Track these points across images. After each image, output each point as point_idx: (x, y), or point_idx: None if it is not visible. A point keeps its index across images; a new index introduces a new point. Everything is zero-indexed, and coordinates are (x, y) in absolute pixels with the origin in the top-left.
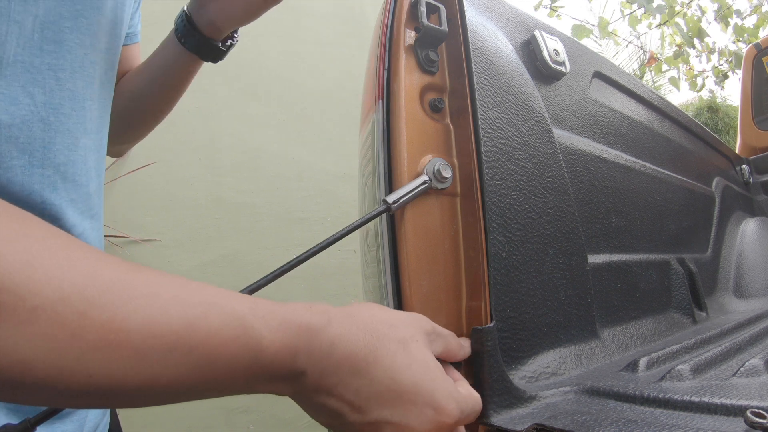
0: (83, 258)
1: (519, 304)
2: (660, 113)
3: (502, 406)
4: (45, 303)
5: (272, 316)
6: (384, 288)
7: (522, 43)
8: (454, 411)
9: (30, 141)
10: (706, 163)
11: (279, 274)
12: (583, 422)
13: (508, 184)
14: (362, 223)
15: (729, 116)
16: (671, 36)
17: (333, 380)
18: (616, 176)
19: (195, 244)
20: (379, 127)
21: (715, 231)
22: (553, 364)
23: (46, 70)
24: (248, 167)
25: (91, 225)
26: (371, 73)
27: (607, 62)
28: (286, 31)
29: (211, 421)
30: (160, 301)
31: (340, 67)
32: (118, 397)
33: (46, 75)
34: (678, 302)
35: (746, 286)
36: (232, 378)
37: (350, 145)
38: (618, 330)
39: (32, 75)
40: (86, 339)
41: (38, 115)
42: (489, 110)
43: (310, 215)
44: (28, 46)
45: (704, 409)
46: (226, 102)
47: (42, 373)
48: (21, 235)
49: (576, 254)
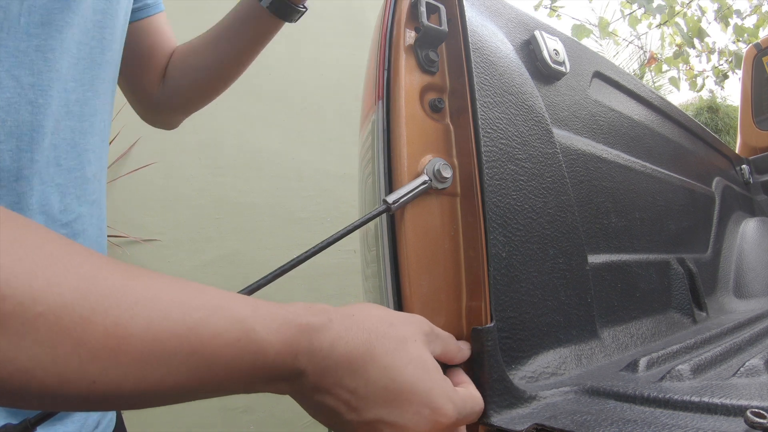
0: (83, 263)
1: (519, 304)
2: (660, 113)
3: (502, 406)
4: (46, 310)
5: (273, 318)
6: (384, 288)
7: (522, 43)
8: (450, 411)
9: (18, 125)
10: (706, 163)
11: (279, 274)
12: (583, 422)
13: (508, 184)
14: (362, 223)
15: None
16: (671, 36)
17: (331, 380)
18: (616, 176)
19: (195, 244)
20: (379, 127)
21: (715, 231)
22: (553, 364)
23: (33, 52)
24: (248, 167)
25: (89, 211)
26: (371, 73)
27: (607, 62)
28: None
29: (211, 420)
30: (162, 305)
31: (341, 67)
32: (121, 401)
33: (34, 57)
34: (678, 302)
35: (746, 286)
36: (234, 379)
37: (350, 145)
38: (618, 330)
39: (18, 58)
40: (89, 345)
41: (26, 98)
42: (489, 110)
43: (310, 215)
44: (14, 31)
45: (704, 409)
46: (226, 102)
47: (44, 381)
48: (20, 241)
49: (576, 254)
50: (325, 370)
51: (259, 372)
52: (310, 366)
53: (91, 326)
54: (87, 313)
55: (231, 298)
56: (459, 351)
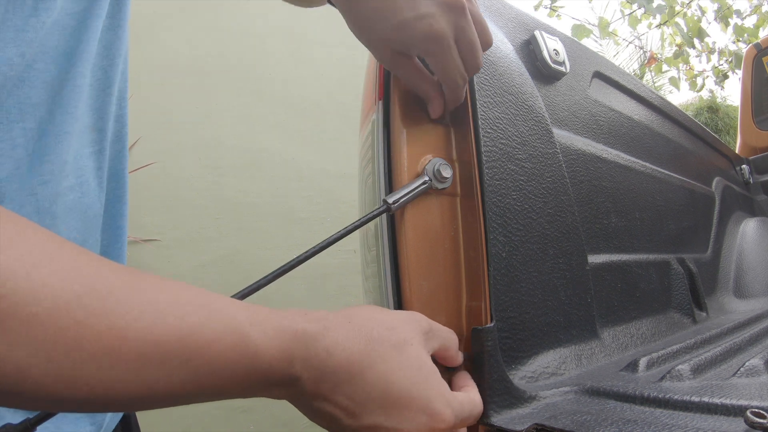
0: (81, 264)
1: (519, 304)
2: (660, 113)
3: (502, 406)
4: (42, 311)
5: (269, 324)
6: (384, 288)
7: (522, 43)
8: (448, 417)
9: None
10: (706, 163)
11: (279, 274)
12: (583, 422)
13: (508, 184)
14: (362, 223)
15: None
16: (671, 36)
17: (328, 386)
18: (616, 176)
19: (195, 244)
20: (379, 127)
21: (715, 231)
22: (553, 364)
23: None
24: (249, 167)
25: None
26: (371, 73)
27: (607, 62)
28: (286, 31)
29: (211, 420)
30: (159, 308)
31: (341, 67)
32: (116, 403)
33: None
34: (678, 302)
35: (746, 286)
36: (229, 385)
37: (350, 145)
38: (618, 330)
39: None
40: (85, 347)
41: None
42: (489, 110)
43: (310, 215)
44: None
45: (704, 409)
46: (226, 102)
47: (39, 381)
48: (17, 240)
49: (576, 254)
50: (321, 376)
51: (254, 378)
52: (306, 373)
53: (87, 328)
54: (82, 314)
55: (228, 303)
56: (457, 345)
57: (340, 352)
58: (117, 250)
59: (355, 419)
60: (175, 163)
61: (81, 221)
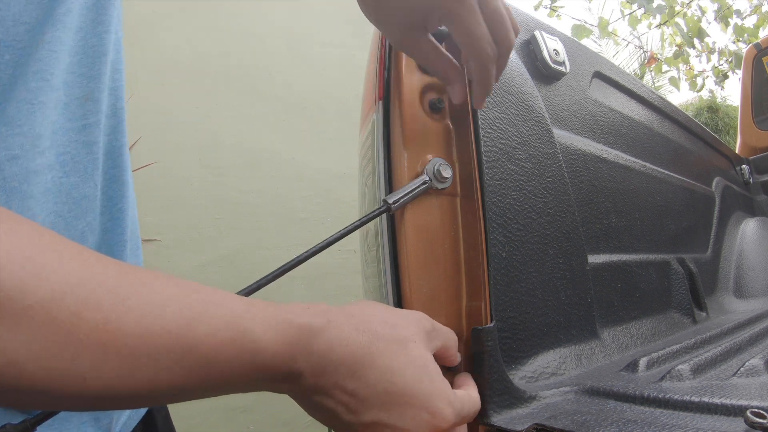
0: (75, 257)
1: (519, 304)
2: (660, 113)
3: (502, 406)
4: (36, 303)
5: (270, 317)
6: (384, 288)
7: (522, 43)
8: (449, 415)
9: None
10: (706, 163)
11: (279, 274)
12: (583, 422)
13: (508, 184)
14: (362, 223)
15: (729, 116)
16: (671, 36)
17: (330, 381)
18: (616, 176)
19: (195, 244)
20: (379, 127)
21: (715, 231)
22: (553, 364)
23: None
24: (248, 167)
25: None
26: (371, 73)
27: (607, 62)
28: (286, 31)
29: (211, 420)
30: (156, 301)
31: (341, 67)
32: (114, 399)
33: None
34: (678, 302)
35: (746, 286)
36: (230, 379)
37: (350, 145)
38: (618, 330)
39: None
40: (80, 340)
41: None
42: (489, 110)
43: (310, 215)
44: None
45: (704, 409)
46: (226, 102)
47: (35, 375)
48: (10, 233)
49: (576, 254)
50: (323, 371)
51: (255, 372)
52: (308, 367)
53: (82, 320)
54: (77, 306)
55: (227, 297)
56: (457, 345)
57: (343, 347)
58: (118, 235)
59: (355, 415)
60: (175, 163)
61: (64, 204)
